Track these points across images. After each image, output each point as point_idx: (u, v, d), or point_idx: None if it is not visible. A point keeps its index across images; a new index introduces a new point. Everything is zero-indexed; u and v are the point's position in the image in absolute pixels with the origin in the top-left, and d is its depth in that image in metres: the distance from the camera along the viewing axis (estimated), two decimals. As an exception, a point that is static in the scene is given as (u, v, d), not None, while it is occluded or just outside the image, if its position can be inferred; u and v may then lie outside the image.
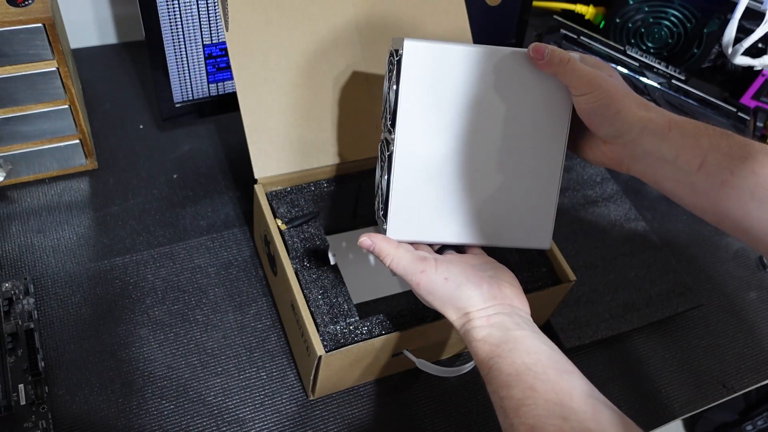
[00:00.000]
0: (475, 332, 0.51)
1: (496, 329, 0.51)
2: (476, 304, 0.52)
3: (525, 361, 0.48)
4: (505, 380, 0.47)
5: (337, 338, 0.62)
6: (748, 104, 0.93)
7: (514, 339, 0.50)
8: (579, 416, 0.44)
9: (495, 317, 0.52)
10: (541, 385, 0.46)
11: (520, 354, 0.48)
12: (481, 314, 0.52)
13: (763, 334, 0.83)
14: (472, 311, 0.52)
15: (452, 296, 0.53)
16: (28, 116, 0.74)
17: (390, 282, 0.76)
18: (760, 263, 0.90)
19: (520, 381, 0.47)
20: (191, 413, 0.66)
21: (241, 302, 0.75)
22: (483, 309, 0.52)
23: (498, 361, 0.49)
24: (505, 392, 0.47)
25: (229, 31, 0.68)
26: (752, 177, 0.46)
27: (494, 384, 0.49)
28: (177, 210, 0.83)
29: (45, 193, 0.82)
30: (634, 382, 0.76)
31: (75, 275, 0.74)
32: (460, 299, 0.53)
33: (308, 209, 0.71)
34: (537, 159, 0.58)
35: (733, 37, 0.84)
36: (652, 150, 0.51)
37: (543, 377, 0.46)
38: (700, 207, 0.50)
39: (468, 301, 0.53)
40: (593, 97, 0.52)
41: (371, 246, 0.56)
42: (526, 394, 0.46)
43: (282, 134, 0.71)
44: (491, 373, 0.49)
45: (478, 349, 0.51)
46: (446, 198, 0.57)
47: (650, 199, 0.95)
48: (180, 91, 0.82)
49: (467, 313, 0.53)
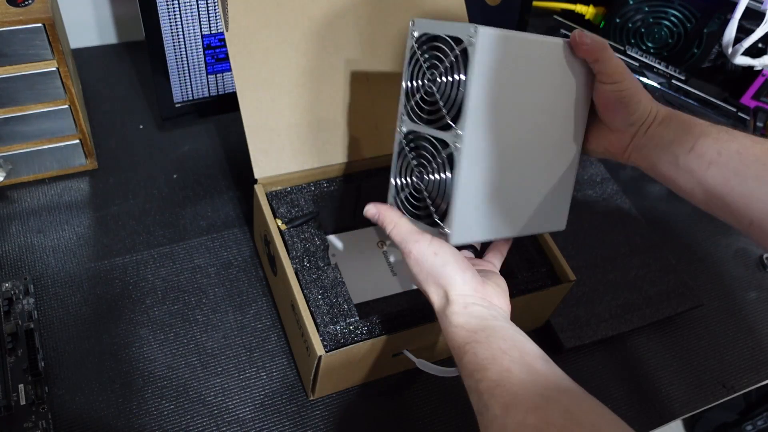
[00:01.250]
0: (453, 317, 0.52)
1: (473, 318, 0.51)
2: (456, 286, 0.53)
3: (501, 346, 0.48)
4: (481, 363, 0.48)
5: (337, 338, 0.62)
6: (748, 104, 0.93)
7: (491, 327, 0.50)
8: (556, 394, 0.44)
9: (473, 306, 0.52)
10: (517, 368, 0.46)
11: (496, 340, 0.49)
12: (460, 300, 0.52)
13: (763, 334, 0.83)
14: (451, 293, 0.53)
15: (436, 272, 0.53)
16: (28, 116, 0.74)
17: (390, 282, 0.76)
18: (760, 263, 0.90)
19: (496, 363, 0.47)
20: (191, 413, 0.66)
21: (241, 302, 0.75)
22: (462, 295, 0.52)
23: (474, 346, 0.49)
24: (480, 375, 0.47)
25: (229, 31, 0.68)
26: (736, 157, 0.52)
27: (469, 368, 0.49)
28: (177, 210, 0.83)
29: (45, 193, 0.82)
30: (634, 382, 0.76)
31: (75, 275, 0.74)
32: (442, 276, 0.53)
33: (308, 209, 0.71)
34: (563, 147, 0.59)
35: (733, 37, 0.84)
36: (655, 137, 0.56)
37: (519, 361, 0.47)
38: (690, 187, 0.55)
39: (448, 279, 0.53)
40: (622, 86, 0.55)
41: (376, 214, 0.57)
42: (502, 375, 0.46)
43: (282, 134, 0.71)
44: (466, 357, 0.49)
45: (454, 334, 0.51)
46: (499, 195, 0.55)
47: (650, 199, 0.95)
48: (180, 91, 0.82)
49: (446, 294, 0.53)
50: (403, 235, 0.55)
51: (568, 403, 0.44)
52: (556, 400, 0.44)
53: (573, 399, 0.44)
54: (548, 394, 0.44)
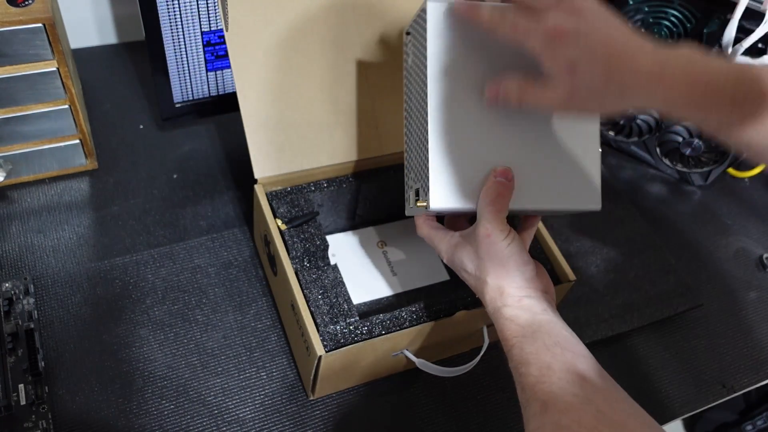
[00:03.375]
0: (505, 310, 0.54)
1: (524, 311, 0.53)
2: (516, 280, 0.54)
3: (546, 342, 0.51)
4: (526, 358, 0.50)
5: (337, 338, 0.62)
6: (748, 104, 0.92)
7: (539, 322, 0.52)
8: (590, 395, 0.46)
9: (525, 300, 0.54)
10: (558, 365, 0.49)
11: (542, 335, 0.51)
12: (515, 293, 0.54)
13: (763, 334, 0.83)
14: (508, 287, 0.54)
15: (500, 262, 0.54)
16: (28, 116, 0.74)
17: (390, 282, 0.76)
18: (760, 263, 0.90)
19: (539, 359, 0.49)
20: (191, 413, 0.66)
21: (241, 302, 0.75)
22: (518, 288, 0.54)
23: (521, 340, 0.52)
24: (524, 369, 0.50)
25: (229, 31, 0.68)
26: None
27: (515, 360, 0.52)
28: (177, 210, 0.83)
29: (45, 193, 0.82)
30: (634, 382, 0.76)
31: (75, 275, 0.74)
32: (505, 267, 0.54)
33: (308, 209, 0.71)
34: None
35: (733, 37, 0.84)
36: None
37: (560, 358, 0.49)
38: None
39: (509, 272, 0.54)
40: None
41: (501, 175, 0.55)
42: (543, 372, 0.49)
43: (282, 134, 0.71)
44: (513, 350, 0.52)
45: (504, 326, 0.53)
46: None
47: (650, 199, 0.95)
48: (180, 91, 0.82)
49: (500, 288, 0.55)
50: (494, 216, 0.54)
51: (601, 404, 0.46)
52: (590, 400, 0.46)
53: (607, 399, 0.47)
54: (583, 394, 0.46)
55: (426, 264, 0.79)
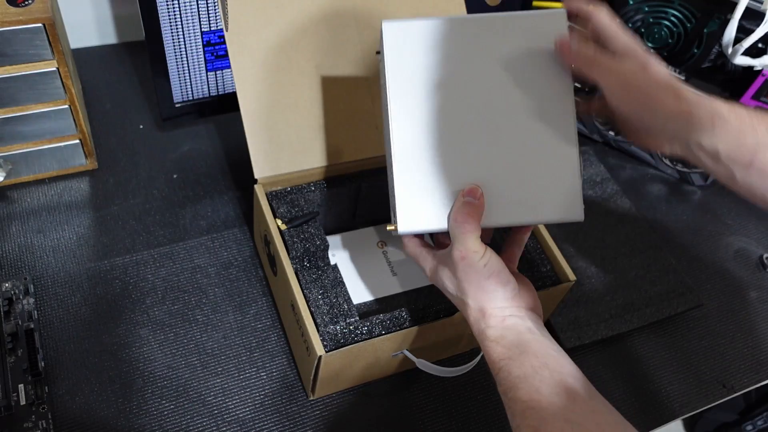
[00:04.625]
0: (489, 332, 0.52)
1: (509, 331, 0.51)
2: (497, 300, 0.53)
3: (533, 364, 0.49)
4: (514, 382, 0.49)
5: (337, 338, 0.62)
6: (748, 104, 0.93)
7: (525, 342, 0.51)
8: (580, 419, 0.46)
9: (509, 319, 0.52)
10: (546, 389, 0.47)
11: (529, 357, 0.50)
12: (497, 314, 0.52)
13: (763, 334, 0.83)
14: (488, 306, 0.52)
15: (478, 283, 0.52)
16: (28, 116, 0.74)
17: (390, 282, 0.76)
18: (760, 263, 0.90)
19: (528, 384, 0.48)
20: (191, 413, 0.66)
21: (241, 302, 0.75)
22: (500, 308, 0.53)
23: (508, 363, 0.50)
24: (512, 393, 0.49)
25: (229, 31, 0.68)
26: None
27: (504, 385, 0.50)
28: (177, 210, 0.83)
29: (45, 193, 0.82)
30: (634, 382, 0.76)
31: (75, 275, 0.74)
32: (483, 288, 0.52)
33: (308, 209, 0.71)
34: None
35: (733, 37, 0.84)
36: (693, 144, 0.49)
37: (549, 380, 0.48)
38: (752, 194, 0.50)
39: (489, 292, 0.52)
40: (625, 99, 0.50)
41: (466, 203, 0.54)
42: (532, 397, 0.47)
43: (282, 134, 0.71)
44: (501, 374, 0.51)
45: (490, 349, 0.52)
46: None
47: (650, 199, 0.95)
48: (180, 91, 0.82)
49: (482, 310, 0.53)
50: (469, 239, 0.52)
51: (592, 428, 0.45)
52: (580, 424, 0.45)
53: (598, 422, 0.46)
54: (574, 419, 0.46)
55: (426, 264, 0.79)
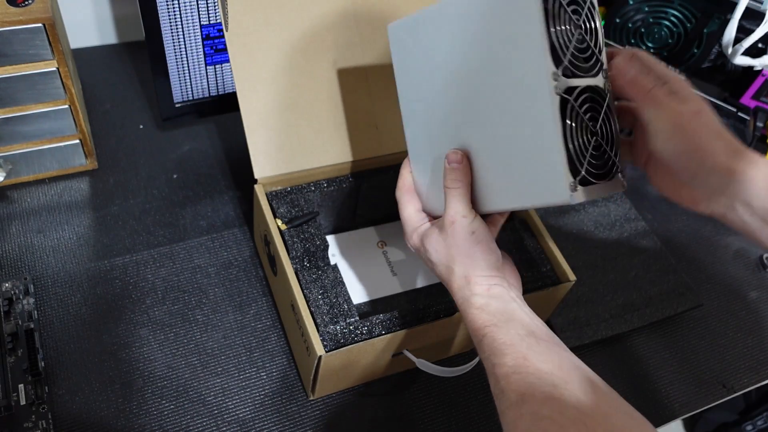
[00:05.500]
0: (474, 299, 0.52)
1: (494, 300, 0.52)
2: (481, 268, 0.53)
3: (519, 332, 0.49)
4: (499, 348, 0.49)
5: (337, 338, 0.62)
6: (748, 104, 0.93)
7: (511, 311, 0.51)
8: (568, 385, 0.45)
9: (495, 288, 0.52)
10: (533, 356, 0.47)
11: (515, 325, 0.50)
12: (483, 282, 0.52)
13: (763, 334, 0.83)
14: (474, 274, 0.53)
15: (465, 251, 0.53)
16: (28, 116, 0.74)
17: (390, 282, 0.76)
18: (760, 263, 0.90)
19: (514, 350, 0.48)
20: (191, 413, 0.66)
21: (241, 302, 0.75)
22: (485, 277, 0.53)
23: (493, 330, 0.50)
24: (498, 359, 0.48)
25: (229, 31, 0.68)
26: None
27: (487, 351, 0.50)
28: (177, 210, 0.83)
29: (45, 193, 0.82)
30: (634, 382, 0.76)
31: (75, 275, 0.74)
32: (470, 255, 0.53)
33: (308, 209, 0.71)
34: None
35: (733, 37, 0.84)
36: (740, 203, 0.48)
37: (536, 348, 0.48)
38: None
39: (475, 260, 0.53)
40: (675, 143, 0.48)
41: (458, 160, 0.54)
42: (518, 362, 0.47)
43: (282, 134, 0.71)
44: (485, 341, 0.50)
45: (474, 316, 0.52)
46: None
47: (650, 199, 0.95)
48: (180, 91, 0.82)
49: (467, 277, 0.53)
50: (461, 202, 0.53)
51: (580, 394, 0.45)
52: (569, 390, 0.45)
53: (585, 389, 0.45)
54: (562, 385, 0.45)
55: (426, 264, 0.79)
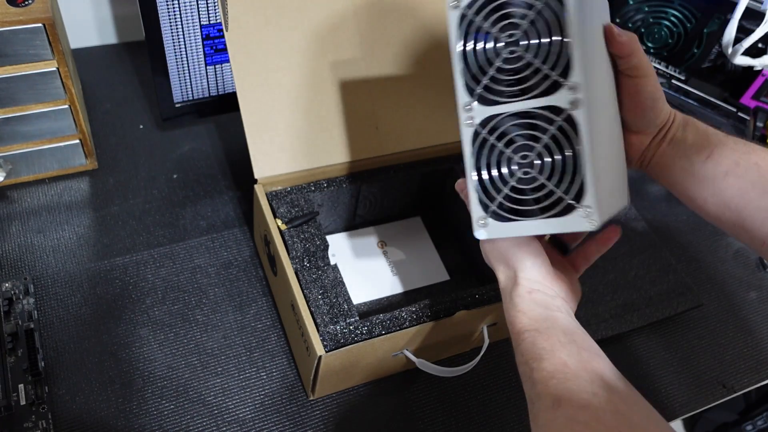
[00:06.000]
0: (517, 300, 0.52)
1: (537, 305, 0.51)
2: (525, 269, 0.53)
3: (561, 339, 0.49)
4: (539, 353, 0.48)
5: (337, 338, 0.62)
6: (748, 104, 0.93)
7: (553, 318, 0.50)
8: (608, 395, 0.45)
9: (538, 294, 0.52)
10: (573, 363, 0.47)
11: (556, 332, 0.49)
12: (526, 284, 0.52)
13: (763, 334, 0.83)
14: (519, 275, 0.52)
15: (509, 251, 0.53)
16: (28, 116, 0.74)
17: (390, 282, 0.76)
18: (760, 263, 0.90)
19: (554, 356, 0.47)
20: (191, 413, 0.66)
21: (241, 302, 0.75)
22: (528, 279, 0.52)
23: (534, 335, 0.49)
24: (536, 364, 0.48)
25: (229, 31, 0.68)
26: (754, 168, 0.50)
27: (526, 355, 0.49)
28: (177, 210, 0.83)
29: (45, 193, 0.82)
30: (634, 382, 0.75)
31: (75, 275, 0.74)
32: (514, 256, 0.53)
33: (308, 209, 0.71)
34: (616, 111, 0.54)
35: (733, 37, 0.84)
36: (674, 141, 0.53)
37: (576, 357, 0.47)
38: (704, 197, 0.52)
39: (518, 261, 0.53)
40: (651, 80, 0.52)
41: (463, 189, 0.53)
42: (558, 368, 0.47)
43: (282, 134, 0.71)
44: (524, 345, 0.50)
45: (516, 318, 0.51)
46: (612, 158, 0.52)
47: (650, 199, 0.95)
48: (180, 91, 0.82)
49: (515, 276, 0.53)
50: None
51: (621, 405, 0.44)
52: (610, 400, 0.44)
53: (626, 401, 0.45)
54: (601, 394, 0.45)
55: (426, 264, 0.79)
